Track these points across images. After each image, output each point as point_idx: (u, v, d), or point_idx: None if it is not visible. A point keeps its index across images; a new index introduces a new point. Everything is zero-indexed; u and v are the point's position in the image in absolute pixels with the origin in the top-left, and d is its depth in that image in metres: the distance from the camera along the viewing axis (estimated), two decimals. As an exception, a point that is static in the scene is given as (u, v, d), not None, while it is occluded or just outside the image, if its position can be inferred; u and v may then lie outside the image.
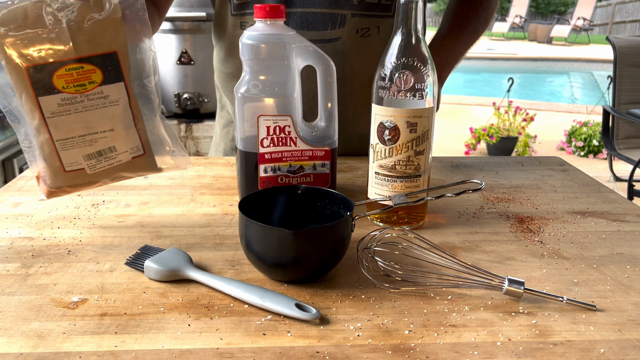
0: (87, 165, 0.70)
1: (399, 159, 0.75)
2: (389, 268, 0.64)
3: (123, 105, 0.69)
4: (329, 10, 0.99)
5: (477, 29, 1.12)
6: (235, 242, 0.73)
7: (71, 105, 0.66)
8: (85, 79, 0.66)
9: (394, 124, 0.73)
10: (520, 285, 0.60)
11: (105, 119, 0.69)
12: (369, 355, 0.51)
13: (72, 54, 0.65)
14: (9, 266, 0.66)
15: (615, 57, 2.96)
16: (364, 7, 1.00)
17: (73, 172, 0.69)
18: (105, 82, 0.67)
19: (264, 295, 0.58)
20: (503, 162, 1.11)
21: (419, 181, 0.76)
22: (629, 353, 0.52)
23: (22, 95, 0.65)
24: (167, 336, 0.53)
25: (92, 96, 0.67)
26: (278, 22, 0.79)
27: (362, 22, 1.01)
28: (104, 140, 0.69)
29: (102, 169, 0.71)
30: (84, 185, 0.72)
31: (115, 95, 0.69)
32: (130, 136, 0.72)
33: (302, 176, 0.84)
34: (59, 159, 0.68)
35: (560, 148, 4.79)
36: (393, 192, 0.76)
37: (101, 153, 0.70)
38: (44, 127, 0.66)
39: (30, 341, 0.52)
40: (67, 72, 0.65)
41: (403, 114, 0.73)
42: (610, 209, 0.87)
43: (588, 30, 13.88)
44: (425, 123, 0.74)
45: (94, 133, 0.69)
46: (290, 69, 0.80)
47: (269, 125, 0.80)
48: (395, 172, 0.75)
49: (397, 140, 0.74)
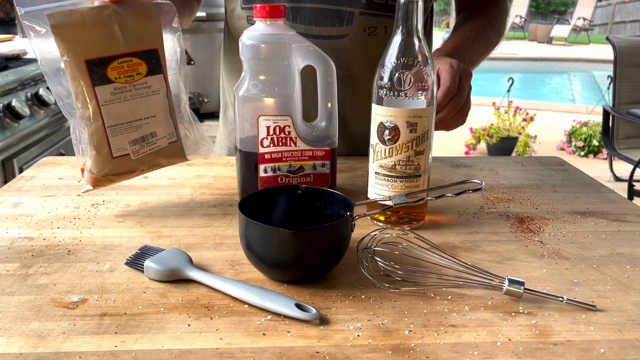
0: (131, 150, 0.78)
1: (399, 159, 0.75)
2: (389, 268, 0.64)
3: (162, 94, 0.80)
4: (337, 7, 1.00)
5: (492, 39, 1.10)
6: (235, 242, 0.73)
7: (121, 94, 0.76)
8: (134, 70, 0.77)
9: (394, 124, 0.73)
10: (520, 285, 0.60)
11: (148, 106, 0.79)
12: (369, 355, 0.51)
13: (124, 49, 0.75)
14: (9, 266, 0.66)
15: (615, 57, 2.96)
16: (371, 6, 1.00)
17: (119, 158, 0.78)
18: (149, 74, 0.78)
19: (264, 295, 0.58)
20: (503, 162, 1.11)
21: (419, 181, 0.76)
22: (629, 353, 0.52)
23: (80, 86, 0.74)
24: (167, 336, 0.53)
25: (139, 86, 0.77)
26: (278, 22, 0.79)
27: (370, 21, 1.01)
28: (146, 126, 0.79)
29: (144, 154, 0.80)
30: (126, 173, 0.80)
31: (157, 85, 0.79)
32: (168, 122, 0.82)
33: (302, 176, 0.84)
34: (108, 144, 0.76)
35: (560, 148, 4.79)
36: (393, 192, 0.76)
37: (144, 138, 0.79)
38: (98, 114, 0.75)
39: (30, 341, 0.52)
40: (119, 64, 0.75)
41: (403, 114, 0.73)
42: (610, 209, 0.87)
43: (588, 30, 13.88)
44: (425, 123, 0.74)
45: (139, 119, 0.78)
46: (290, 69, 0.80)
47: (269, 125, 0.80)
48: (395, 172, 0.75)
49: (397, 140, 0.74)
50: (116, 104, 0.76)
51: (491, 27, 1.10)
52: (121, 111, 0.76)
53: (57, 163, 1.05)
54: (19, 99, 1.73)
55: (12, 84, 1.76)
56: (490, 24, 1.10)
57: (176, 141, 0.83)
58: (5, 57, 2.09)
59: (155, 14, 0.78)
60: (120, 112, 0.76)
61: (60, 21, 0.71)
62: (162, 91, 0.80)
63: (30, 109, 1.83)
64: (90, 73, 0.73)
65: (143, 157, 0.80)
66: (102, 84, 0.74)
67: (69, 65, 0.73)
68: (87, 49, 0.73)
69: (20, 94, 1.81)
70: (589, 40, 13.67)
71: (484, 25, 1.09)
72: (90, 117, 0.75)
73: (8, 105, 1.69)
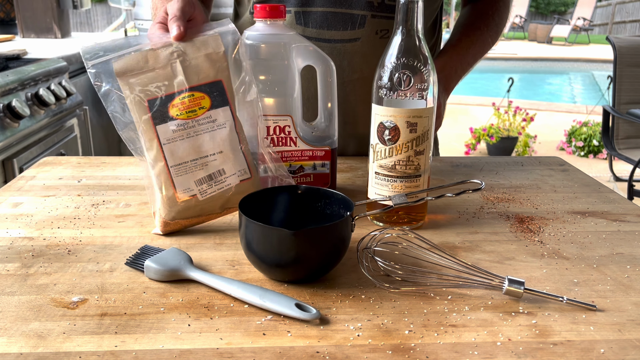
0: (198, 190, 0.75)
1: (399, 159, 0.75)
2: (389, 268, 0.64)
3: (229, 127, 0.76)
4: (349, 11, 0.99)
5: (487, 41, 1.11)
6: (235, 242, 0.73)
7: (184, 130, 0.74)
8: (196, 105, 0.74)
9: (394, 124, 0.73)
10: (520, 285, 0.60)
11: (214, 141, 0.75)
12: (369, 355, 0.51)
13: (184, 85, 0.73)
14: (9, 266, 0.66)
15: (615, 57, 2.96)
16: (384, 9, 1.00)
17: (186, 200, 0.74)
18: (212, 107, 0.75)
19: (264, 295, 0.58)
20: (503, 162, 1.11)
21: (419, 181, 0.76)
22: (629, 353, 0.52)
23: (143, 126, 0.73)
24: (167, 336, 0.53)
25: (202, 121, 0.74)
26: (278, 22, 0.79)
27: (382, 23, 1.01)
28: (213, 163, 0.75)
29: (213, 193, 0.76)
30: (195, 216, 0.76)
31: (222, 118, 0.75)
32: (237, 158, 0.77)
33: (302, 176, 0.84)
34: (173, 186, 0.74)
35: (560, 148, 4.79)
36: (393, 192, 0.76)
37: (211, 177, 0.75)
38: (161, 154, 0.73)
39: (30, 341, 0.52)
40: (180, 101, 0.73)
41: (403, 114, 0.73)
42: (610, 209, 0.87)
43: (588, 30, 13.88)
44: (425, 123, 0.74)
45: (205, 157, 0.75)
46: (290, 69, 0.80)
47: (269, 125, 0.80)
48: (395, 172, 0.75)
49: (397, 140, 0.74)
50: (179, 141, 0.73)
51: (488, 29, 1.10)
52: (184, 149, 0.74)
53: (57, 163, 1.05)
54: (19, 99, 1.73)
55: (12, 84, 1.76)
56: (488, 27, 1.10)
57: (249, 178, 0.78)
58: (5, 57, 2.09)
59: (220, 44, 0.76)
60: (183, 150, 0.74)
61: (123, 66, 0.72)
62: (228, 124, 0.76)
63: (30, 109, 1.83)
64: (152, 112, 0.72)
65: (213, 199, 0.76)
66: (163, 122, 0.73)
67: (132, 107, 0.73)
68: (149, 88, 0.72)
69: (20, 94, 1.81)
70: (589, 40, 13.67)
71: (481, 29, 1.10)
72: (154, 157, 0.73)
73: (8, 105, 1.69)
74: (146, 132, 0.73)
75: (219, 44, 0.76)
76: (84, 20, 10.41)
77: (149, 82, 0.73)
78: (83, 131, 2.29)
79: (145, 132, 0.73)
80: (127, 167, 1.03)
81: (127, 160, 1.07)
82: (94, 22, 10.70)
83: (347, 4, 0.99)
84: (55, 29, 2.90)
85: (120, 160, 1.07)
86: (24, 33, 2.90)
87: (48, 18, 2.88)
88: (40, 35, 2.90)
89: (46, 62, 2.06)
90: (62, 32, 2.93)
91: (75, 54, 2.37)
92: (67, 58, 2.24)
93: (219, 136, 0.75)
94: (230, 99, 0.76)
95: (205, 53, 0.75)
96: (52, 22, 2.89)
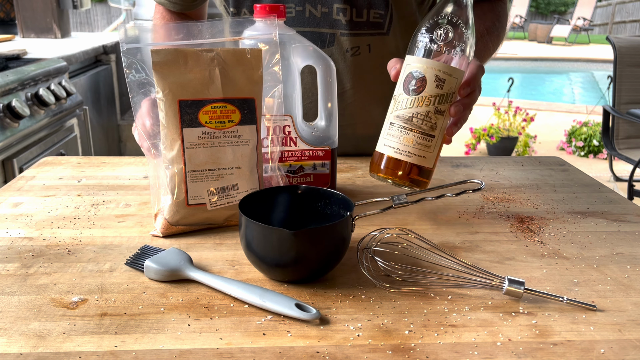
0: (209, 200, 0.75)
1: (418, 111, 0.73)
2: (389, 268, 0.64)
3: (252, 146, 0.76)
4: (317, 30, 1.00)
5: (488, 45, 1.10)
6: (235, 242, 0.73)
7: (209, 139, 0.73)
8: (226, 117, 0.73)
9: (422, 75, 0.73)
10: (521, 285, 0.60)
11: (234, 156, 0.75)
12: (369, 355, 0.51)
13: (219, 94, 0.73)
14: (9, 266, 0.66)
15: (615, 57, 2.96)
16: (352, 27, 1.00)
17: (194, 206, 0.74)
18: (241, 123, 0.74)
19: (264, 295, 0.58)
20: (503, 162, 1.11)
21: (430, 142, 0.74)
22: (629, 353, 0.52)
23: (170, 125, 0.72)
24: (167, 336, 0.53)
25: (228, 133, 0.74)
26: (278, 22, 0.79)
27: (352, 41, 1.01)
28: (229, 177, 0.75)
29: (221, 205, 0.76)
30: (198, 223, 0.76)
31: (248, 135, 0.75)
32: (252, 177, 0.77)
33: (302, 176, 0.84)
34: (185, 190, 0.74)
35: (560, 148, 4.79)
36: (403, 145, 0.74)
37: (224, 189, 0.75)
38: (181, 157, 0.72)
39: (30, 341, 0.52)
40: (212, 109, 0.73)
41: (434, 66, 0.72)
42: (610, 209, 0.87)
43: (588, 30, 13.87)
44: (452, 84, 0.73)
45: (223, 169, 0.75)
46: (290, 68, 0.80)
47: (269, 125, 0.80)
48: (410, 124, 0.74)
49: (421, 91, 0.73)
50: (202, 148, 0.73)
51: (488, 33, 1.09)
52: (205, 157, 0.73)
53: (57, 163, 1.05)
54: (19, 99, 1.73)
55: (12, 84, 1.76)
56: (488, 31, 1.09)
57: None
58: (5, 57, 2.09)
59: (260, 62, 0.75)
60: (204, 158, 0.73)
61: (163, 58, 0.70)
62: (252, 143, 0.76)
63: (30, 109, 1.83)
64: (181, 114, 0.71)
65: (219, 210, 0.76)
66: (191, 127, 0.72)
67: (162, 104, 0.71)
68: (183, 89, 0.71)
69: (20, 94, 1.81)
70: (589, 40, 13.67)
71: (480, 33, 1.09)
72: (173, 159, 0.73)
73: (8, 105, 1.69)
74: (171, 132, 0.72)
75: (259, 63, 0.75)
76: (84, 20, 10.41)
77: (185, 82, 0.71)
78: (83, 131, 2.29)
79: (170, 132, 0.72)
80: (127, 167, 1.03)
81: (127, 160, 1.07)
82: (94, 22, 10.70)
83: (315, 23, 1.00)
84: (55, 29, 2.90)
85: (120, 160, 1.07)
86: (23, 33, 2.90)
87: (48, 18, 2.88)
88: (40, 35, 2.90)
89: (46, 62, 2.06)
90: (62, 32, 2.93)
91: (76, 54, 2.37)
92: (67, 58, 2.24)
93: (240, 152, 0.75)
94: (258, 118, 0.76)
95: (245, 67, 0.74)
96: (52, 22, 2.89)
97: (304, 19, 0.99)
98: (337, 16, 0.99)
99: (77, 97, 2.21)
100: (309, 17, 0.99)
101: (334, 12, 0.99)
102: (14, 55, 2.13)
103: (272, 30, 0.79)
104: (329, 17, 0.99)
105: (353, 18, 0.99)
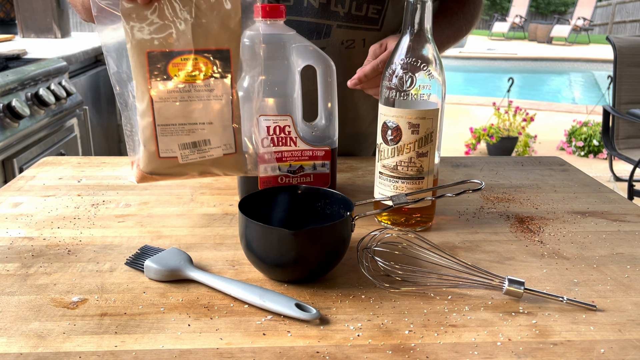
0: (180, 154, 0.73)
1: (401, 159, 0.74)
2: (389, 268, 0.64)
3: (225, 101, 0.72)
4: (315, 20, 1.00)
5: (462, 28, 1.11)
6: (235, 242, 0.73)
7: (179, 93, 0.70)
8: (197, 70, 0.70)
9: (396, 124, 0.73)
10: (521, 285, 0.60)
11: (206, 111, 0.72)
12: (369, 355, 0.51)
13: (190, 45, 0.69)
14: (9, 266, 0.66)
15: (615, 57, 2.96)
16: (350, 19, 1.00)
17: (166, 159, 0.73)
18: (213, 76, 0.71)
19: (264, 295, 0.58)
20: (503, 162, 1.11)
21: (421, 183, 0.76)
22: (629, 353, 0.52)
23: (138, 78, 0.69)
24: (167, 336, 0.53)
25: (199, 87, 0.71)
26: (278, 22, 0.79)
27: (348, 34, 1.01)
28: (201, 132, 0.72)
29: (194, 160, 0.73)
30: (173, 174, 0.75)
31: (220, 90, 0.72)
32: (226, 133, 0.74)
33: (302, 176, 0.84)
34: (156, 143, 0.72)
35: (560, 148, 4.79)
36: (396, 192, 0.76)
37: (195, 144, 0.73)
38: (150, 110, 0.70)
39: (30, 341, 0.52)
40: (181, 61, 0.69)
41: (405, 114, 0.72)
42: (610, 209, 0.87)
43: (588, 30, 13.88)
44: (429, 125, 0.73)
45: (193, 124, 0.72)
46: (290, 69, 0.80)
47: (269, 125, 0.80)
48: (397, 172, 0.75)
49: (399, 140, 0.74)
50: (170, 102, 0.70)
51: (464, 17, 1.10)
52: (174, 111, 0.71)
53: (57, 163, 1.05)
54: (19, 99, 1.73)
55: (12, 84, 1.76)
56: (464, 14, 1.10)
57: (233, 153, 0.75)
58: (5, 57, 2.09)
59: (238, 10, 0.70)
60: (173, 112, 0.71)
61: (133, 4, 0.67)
62: (225, 98, 0.72)
63: (30, 109, 1.83)
64: (149, 65, 0.68)
65: (192, 163, 0.74)
66: (159, 80, 0.69)
67: (131, 53, 0.68)
68: (152, 39, 0.68)
69: (20, 94, 1.81)
70: (589, 40, 13.67)
71: (457, 15, 1.10)
72: (143, 112, 0.71)
73: (8, 105, 1.69)
74: (140, 83, 0.69)
75: (237, 10, 0.70)
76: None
77: (154, 32, 0.68)
78: (83, 131, 2.29)
79: (139, 83, 0.69)
80: (127, 167, 1.03)
81: (127, 160, 1.07)
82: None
83: (312, 14, 0.99)
84: (55, 28, 2.90)
85: (120, 160, 1.07)
86: (23, 33, 2.90)
87: (48, 18, 2.88)
88: (40, 35, 2.90)
89: (46, 62, 2.06)
90: (62, 32, 2.93)
91: (76, 54, 2.37)
92: (67, 58, 2.24)
93: (212, 107, 0.72)
94: (233, 72, 0.72)
95: (219, 15, 0.69)
96: (52, 22, 2.89)
97: (301, 9, 0.99)
98: (335, 8, 0.99)
99: (77, 97, 2.21)
100: (306, 6, 0.99)
101: (332, 3, 0.99)
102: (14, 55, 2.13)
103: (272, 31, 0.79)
104: (327, 8, 0.99)
105: (352, 11, 0.99)
